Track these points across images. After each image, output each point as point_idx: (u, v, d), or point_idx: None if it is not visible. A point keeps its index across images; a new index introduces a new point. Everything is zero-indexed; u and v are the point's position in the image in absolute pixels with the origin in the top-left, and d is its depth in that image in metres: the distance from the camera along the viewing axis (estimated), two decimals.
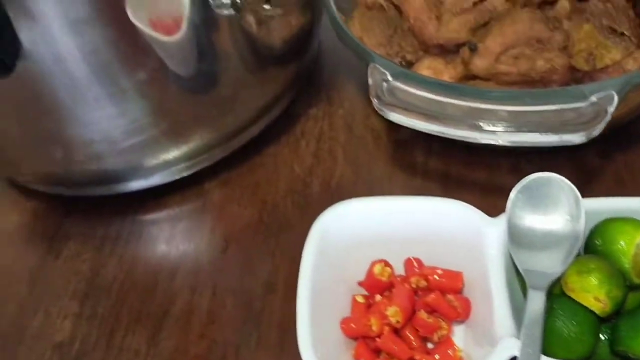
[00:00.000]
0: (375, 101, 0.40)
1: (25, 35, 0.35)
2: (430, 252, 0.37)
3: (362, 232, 0.37)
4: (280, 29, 0.45)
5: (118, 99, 0.40)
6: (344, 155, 0.49)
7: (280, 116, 0.50)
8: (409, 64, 0.44)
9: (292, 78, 0.49)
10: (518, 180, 0.44)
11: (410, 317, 0.35)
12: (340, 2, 0.47)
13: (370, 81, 0.40)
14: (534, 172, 0.45)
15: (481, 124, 0.39)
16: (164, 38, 0.39)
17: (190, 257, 0.44)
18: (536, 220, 0.34)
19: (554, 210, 0.33)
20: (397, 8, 0.45)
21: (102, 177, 0.46)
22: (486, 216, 0.35)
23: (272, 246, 0.44)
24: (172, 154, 0.46)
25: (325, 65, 0.56)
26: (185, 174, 0.47)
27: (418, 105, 0.39)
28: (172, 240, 0.46)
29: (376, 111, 0.50)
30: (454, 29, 0.41)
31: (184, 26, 0.39)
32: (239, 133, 0.48)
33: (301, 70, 0.51)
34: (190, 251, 0.45)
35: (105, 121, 0.41)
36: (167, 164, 0.46)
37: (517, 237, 0.33)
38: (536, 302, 0.30)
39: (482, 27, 0.41)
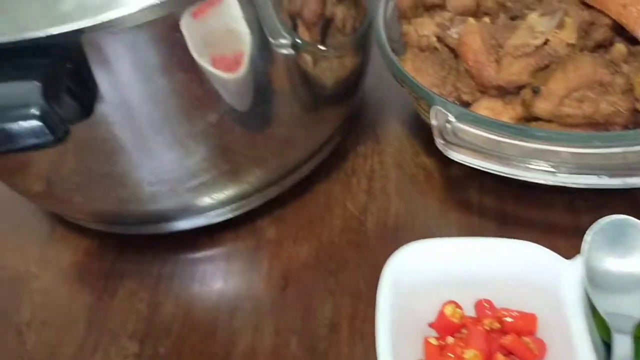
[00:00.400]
0: (440, 142, 0.40)
1: (102, 80, 0.35)
2: (500, 293, 0.37)
3: (431, 274, 0.38)
4: (334, 69, 0.46)
5: (185, 142, 0.40)
6: (397, 193, 0.49)
7: (330, 153, 0.51)
8: (465, 105, 0.45)
9: (344, 117, 0.50)
10: (573, 219, 0.46)
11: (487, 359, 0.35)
12: (391, 44, 0.48)
13: (434, 122, 0.41)
14: (589, 211, 0.46)
15: (545, 165, 0.39)
16: (226, 75, 0.40)
17: (249, 295, 0.44)
18: (614, 263, 0.34)
19: (631, 252, 0.34)
20: (452, 50, 0.46)
21: (156, 216, 0.46)
22: (562, 258, 0.36)
23: (331, 285, 0.44)
24: (227, 193, 0.46)
25: (370, 103, 0.57)
26: (238, 212, 0.48)
27: (482, 146, 0.40)
28: (228, 278, 0.46)
29: (426, 149, 0.52)
30: (516, 71, 0.41)
31: (245, 64, 0.40)
32: (293, 172, 0.48)
33: (352, 109, 0.52)
34: (248, 289, 0.45)
35: (169, 164, 0.41)
36: (221, 203, 0.47)
37: (595, 280, 0.34)
38: (623, 346, 0.31)
39: (542, 69, 0.42)
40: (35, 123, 0.28)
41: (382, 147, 0.53)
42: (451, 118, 0.41)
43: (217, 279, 0.46)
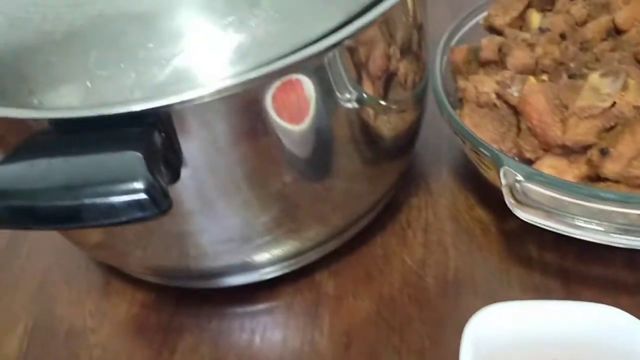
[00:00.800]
0: (511, 201, 0.40)
1: (185, 147, 0.36)
2: (577, 356, 0.37)
3: (507, 336, 0.38)
4: (394, 123, 0.47)
5: (255, 204, 0.41)
6: (454, 247, 0.49)
7: (385, 206, 0.51)
8: (527, 162, 0.45)
9: (401, 171, 0.51)
10: (635, 275, 0.46)
11: None
12: (447, 98, 0.49)
13: (504, 182, 0.41)
14: None
15: (615, 226, 0.40)
16: (297, 136, 0.40)
17: (312, 352, 0.44)
18: None
19: None
20: (511, 107, 0.47)
21: (214, 272, 0.46)
22: None
23: (396, 343, 0.44)
24: (286, 249, 0.46)
25: (421, 155, 0.57)
26: (295, 267, 0.48)
27: (550, 206, 0.40)
28: (289, 333, 0.46)
29: (480, 202, 0.52)
30: (582, 132, 0.42)
31: (314, 123, 0.40)
32: (350, 226, 0.48)
33: (409, 163, 0.52)
34: (311, 346, 0.44)
35: (238, 225, 0.42)
36: (279, 259, 0.46)
37: None
38: None
39: (607, 130, 0.42)
40: (142, 196, 0.28)
41: (435, 199, 0.53)
42: (520, 178, 0.41)
43: (277, 334, 0.46)
